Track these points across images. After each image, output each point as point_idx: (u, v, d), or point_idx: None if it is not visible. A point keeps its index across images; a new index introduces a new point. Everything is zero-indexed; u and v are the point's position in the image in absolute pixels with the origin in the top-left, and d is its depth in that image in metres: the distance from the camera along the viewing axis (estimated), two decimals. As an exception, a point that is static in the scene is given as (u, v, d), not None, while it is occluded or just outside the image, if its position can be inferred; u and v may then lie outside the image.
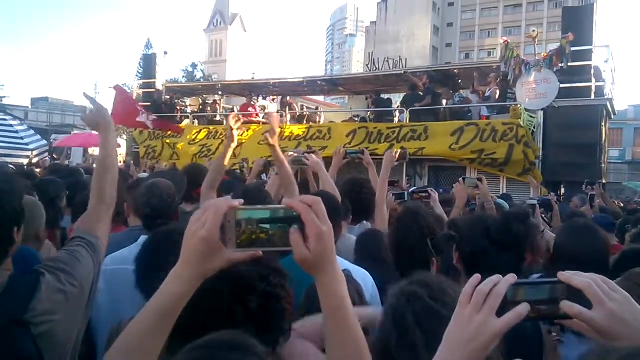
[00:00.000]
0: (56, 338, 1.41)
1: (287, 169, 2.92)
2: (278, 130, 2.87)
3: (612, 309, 0.85)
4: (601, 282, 0.89)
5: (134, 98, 14.84)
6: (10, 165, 6.79)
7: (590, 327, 0.87)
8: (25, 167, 7.09)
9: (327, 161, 3.87)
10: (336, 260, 0.99)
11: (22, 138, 9.31)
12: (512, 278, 0.90)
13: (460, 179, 3.87)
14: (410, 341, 1.23)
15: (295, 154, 3.69)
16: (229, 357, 0.88)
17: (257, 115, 14.31)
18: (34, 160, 8.74)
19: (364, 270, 2.36)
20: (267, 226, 0.93)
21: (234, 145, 3.02)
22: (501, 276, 0.91)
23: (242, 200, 0.95)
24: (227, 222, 0.93)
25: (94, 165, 2.23)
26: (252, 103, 15.26)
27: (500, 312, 0.87)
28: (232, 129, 2.89)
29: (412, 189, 4.55)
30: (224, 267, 0.96)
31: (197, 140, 13.82)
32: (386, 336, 1.31)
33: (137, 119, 12.02)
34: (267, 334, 1.14)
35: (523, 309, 0.86)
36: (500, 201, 4.26)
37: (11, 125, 9.59)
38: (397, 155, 3.71)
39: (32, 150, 9.14)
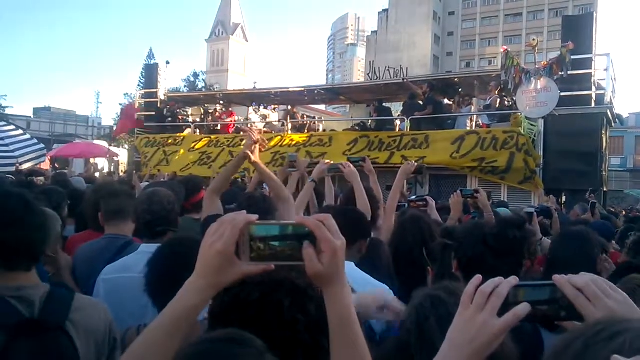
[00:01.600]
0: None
1: (276, 181, 2.91)
2: (257, 146, 2.82)
3: (611, 307, 0.86)
4: (601, 282, 0.89)
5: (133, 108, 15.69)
6: (9, 176, 6.74)
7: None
8: (25, 177, 7.03)
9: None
10: (344, 272, 1.00)
11: (7, 145, 9.05)
12: (513, 280, 0.91)
13: (458, 191, 3.95)
14: (430, 342, 1.25)
15: (332, 162, 3.67)
16: (229, 350, 0.90)
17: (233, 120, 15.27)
18: (22, 167, 8.49)
19: (385, 286, 2.35)
20: (281, 241, 0.95)
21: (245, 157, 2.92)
22: (503, 278, 0.92)
23: (257, 216, 0.97)
24: (242, 236, 0.95)
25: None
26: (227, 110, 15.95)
27: (502, 313, 0.88)
28: (255, 142, 2.79)
29: (409, 198, 4.59)
30: (237, 279, 0.98)
31: (197, 149, 13.88)
32: (407, 334, 1.34)
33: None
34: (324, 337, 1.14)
35: (522, 309, 0.87)
36: (503, 209, 4.28)
37: None
38: (414, 168, 3.70)
39: (17, 157, 8.87)
